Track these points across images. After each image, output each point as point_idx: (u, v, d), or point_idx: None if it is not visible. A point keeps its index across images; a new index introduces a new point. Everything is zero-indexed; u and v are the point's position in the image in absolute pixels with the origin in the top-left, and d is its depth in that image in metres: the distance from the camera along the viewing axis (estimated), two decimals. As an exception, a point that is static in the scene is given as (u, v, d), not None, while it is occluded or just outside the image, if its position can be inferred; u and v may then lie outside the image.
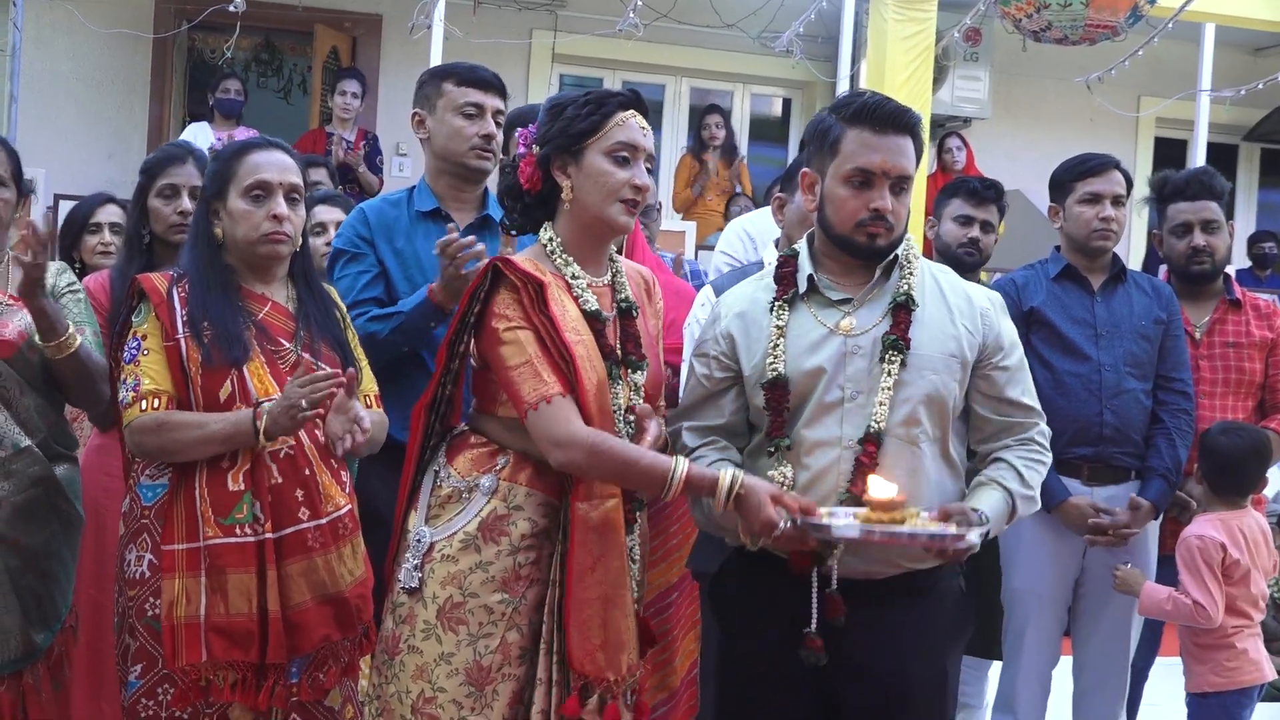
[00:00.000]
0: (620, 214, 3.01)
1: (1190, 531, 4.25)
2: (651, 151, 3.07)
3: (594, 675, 2.89)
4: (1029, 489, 3.05)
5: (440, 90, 3.94)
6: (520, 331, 2.94)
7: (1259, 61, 11.74)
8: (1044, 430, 3.14)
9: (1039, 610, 4.34)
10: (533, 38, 10.91)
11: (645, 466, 2.86)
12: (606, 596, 2.92)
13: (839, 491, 2.95)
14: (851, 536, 2.77)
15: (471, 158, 3.91)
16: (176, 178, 3.95)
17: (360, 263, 3.86)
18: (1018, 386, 3.10)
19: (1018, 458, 3.07)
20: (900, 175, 3.02)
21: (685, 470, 2.85)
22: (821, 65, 10.73)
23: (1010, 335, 3.13)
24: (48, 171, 8.83)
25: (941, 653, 3.10)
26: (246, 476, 3.16)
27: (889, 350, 2.98)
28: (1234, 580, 4.21)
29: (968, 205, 4.81)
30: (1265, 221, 12.76)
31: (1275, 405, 4.57)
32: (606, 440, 2.87)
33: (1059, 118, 11.65)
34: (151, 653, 3.16)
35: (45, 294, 3.29)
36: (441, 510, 3.02)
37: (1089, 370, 4.25)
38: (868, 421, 2.96)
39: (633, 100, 3.06)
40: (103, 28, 9.75)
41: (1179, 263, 4.62)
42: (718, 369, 3.14)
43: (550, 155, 3.04)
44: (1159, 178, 4.78)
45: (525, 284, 2.95)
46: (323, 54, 10.65)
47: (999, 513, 2.97)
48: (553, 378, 2.90)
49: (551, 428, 2.88)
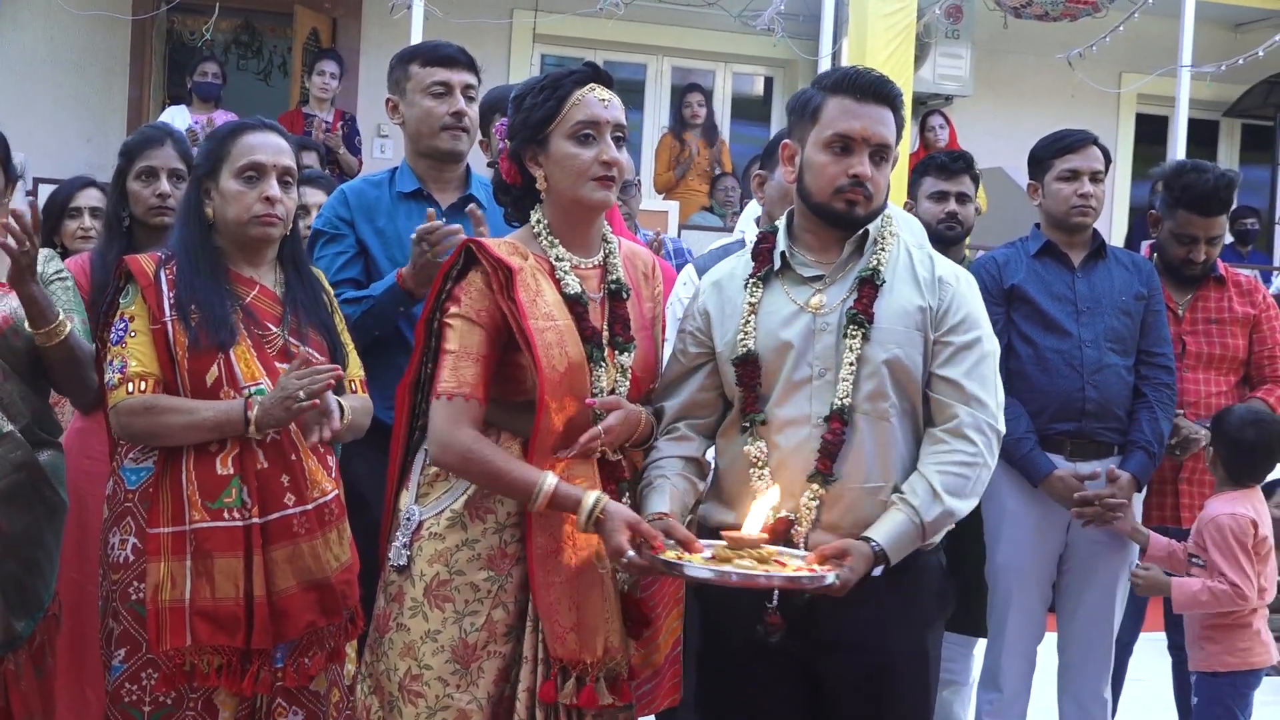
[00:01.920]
0: (595, 191, 3.00)
1: (1218, 510, 4.22)
2: (617, 120, 3.03)
3: (568, 658, 2.90)
4: (940, 504, 2.91)
5: (408, 73, 3.94)
6: (465, 322, 2.95)
7: (1239, 37, 11.76)
8: (980, 423, 2.96)
9: (1023, 586, 4.35)
10: (513, 17, 10.89)
11: (514, 478, 2.88)
12: (577, 579, 2.92)
13: (809, 470, 2.95)
14: (704, 578, 2.75)
15: (444, 139, 3.91)
16: (154, 160, 3.92)
17: (338, 244, 3.86)
18: (957, 366, 2.98)
19: (934, 466, 2.94)
20: (880, 143, 3.01)
21: (551, 487, 2.86)
22: (803, 44, 10.72)
23: (968, 312, 3.03)
24: (26, 155, 8.78)
25: (922, 629, 3.10)
26: (235, 461, 3.15)
27: (850, 324, 2.96)
28: (1261, 557, 4.21)
29: (940, 180, 4.83)
30: (1246, 197, 12.77)
31: (1262, 379, 4.59)
32: (482, 451, 2.89)
33: (1040, 94, 11.66)
34: (135, 637, 3.15)
35: (35, 281, 3.27)
36: (430, 489, 3.03)
37: (1070, 346, 4.26)
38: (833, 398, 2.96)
39: (589, 74, 3.04)
40: (80, 10, 9.70)
41: (1173, 261, 4.62)
42: (693, 344, 3.14)
43: (519, 148, 3.05)
44: (1175, 169, 4.67)
45: (495, 269, 2.95)
46: (302, 35, 10.61)
47: (899, 536, 2.87)
48: (472, 377, 2.92)
49: (439, 424, 2.92)
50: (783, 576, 2.74)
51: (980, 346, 3.02)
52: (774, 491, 2.90)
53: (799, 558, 2.84)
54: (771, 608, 2.92)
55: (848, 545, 2.83)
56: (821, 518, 2.94)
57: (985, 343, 3.03)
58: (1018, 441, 4.15)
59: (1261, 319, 4.61)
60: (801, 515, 2.93)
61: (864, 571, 2.82)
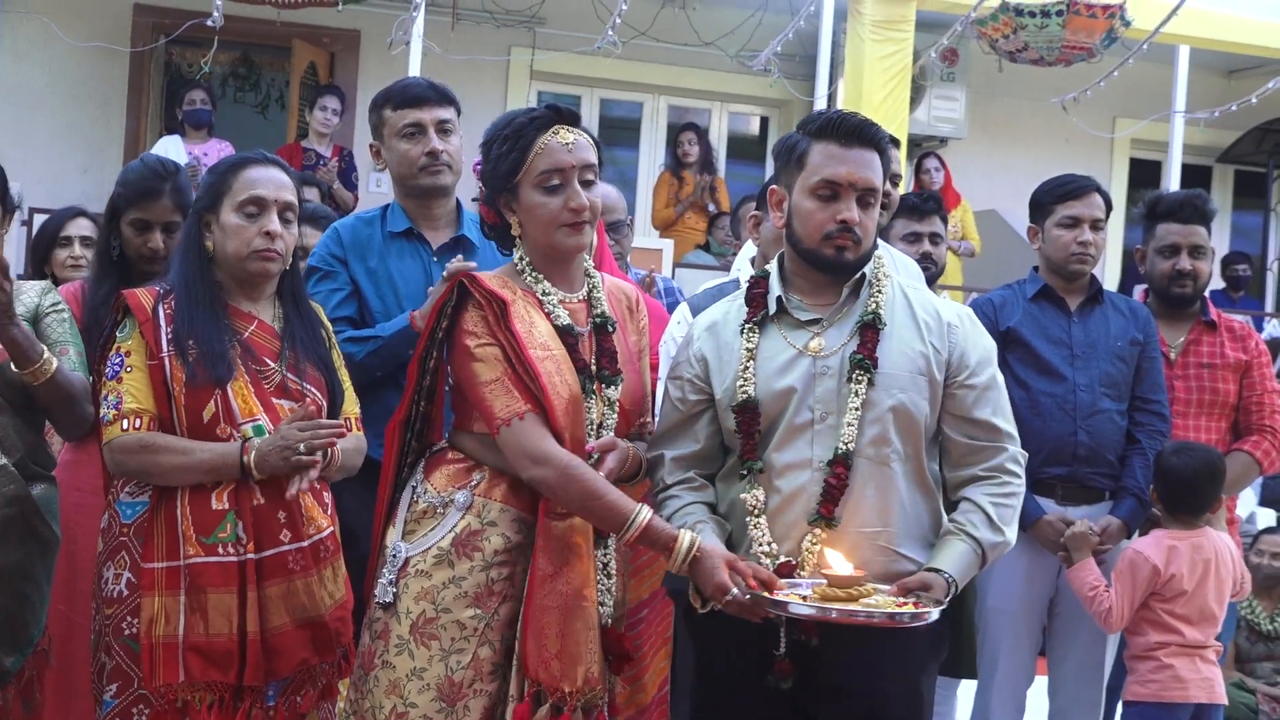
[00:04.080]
0: (566, 238, 3.02)
1: (1135, 544, 4.28)
2: (584, 161, 3.02)
3: (547, 683, 2.90)
4: (999, 534, 3.00)
5: (383, 118, 3.96)
6: (489, 349, 2.96)
7: (1233, 84, 11.82)
8: (1016, 456, 3.08)
9: (1013, 630, 4.34)
10: (511, 54, 10.93)
11: (609, 503, 2.88)
12: (566, 606, 2.92)
13: (809, 514, 2.95)
14: (807, 615, 2.78)
15: (423, 178, 3.91)
16: (149, 213, 3.75)
17: (333, 280, 3.87)
18: (986, 407, 3.05)
19: (987, 497, 3.02)
20: (867, 188, 3.02)
21: (646, 520, 2.87)
22: (799, 84, 10.76)
23: (981, 353, 3.09)
24: (22, 185, 8.79)
25: (917, 672, 3.11)
26: (231, 496, 3.14)
27: (856, 370, 2.97)
28: (1166, 599, 4.25)
29: (912, 222, 4.82)
30: (1239, 243, 12.82)
31: (1249, 426, 4.59)
32: (581, 466, 2.89)
33: (1035, 138, 11.70)
34: (127, 672, 3.14)
35: (13, 323, 3.24)
36: (417, 525, 3.04)
37: (1064, 390, 4.26)
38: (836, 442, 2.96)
39: (551, 117, 3.04)
40: (80, 41, 9.73)
41: (1161, 283, 4.63)
42: (691, 391, 3.14)
43: (492, 196, 3.07)
44: (1152, 196, 4.80)
45: (489, 302, 2.96)
46: (300, 69, 10.64)
47: (966, 567, 2.95)
48: (522, 395, 2.92)
49: (526, 443, 2.90)
50: (884, 613, 2.77)
51: (998, 382, 3.10)
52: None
53: (883, 592, 2.86)
54: (780, 655, 2.93)
55: (928, 579, 2.88)
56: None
57: (999, 376, 3.11)
58: (1008, 486, 4.15)
59: (1253, 365, 4.61)
60: (804, 559, 2.93)
61: (943, 601, 2.87)
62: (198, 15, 8.52)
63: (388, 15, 9.59)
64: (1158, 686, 4.26)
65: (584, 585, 2.95)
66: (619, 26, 9.16)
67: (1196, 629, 4.28)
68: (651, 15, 10.28)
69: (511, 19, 10.75)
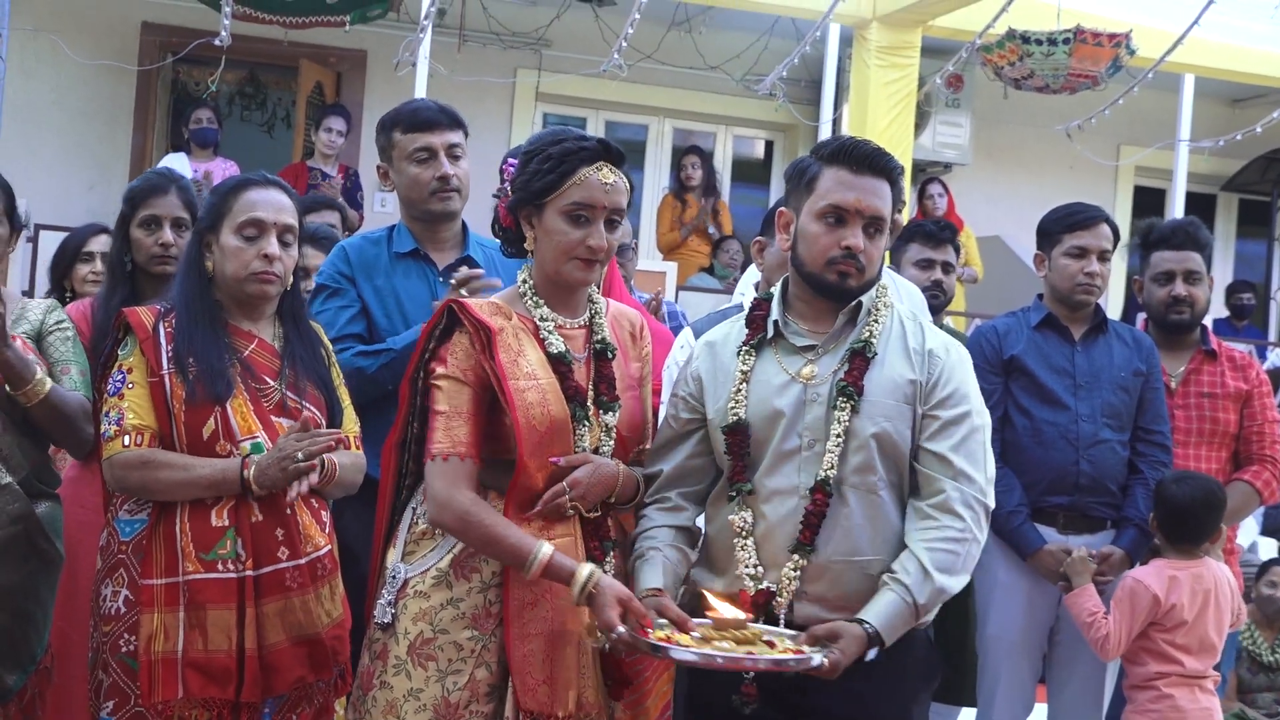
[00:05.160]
0: (575, 271, 3.02)
1: (1135, 573, 4.27)
2: (616, 205, 3.02)
3: (539, 711, 2.90)
4: (931, 581, 2.88)
5: (392, 140, 3.94)
6: (452, 383, 2.96)
7: (1237, 113, 11.85)
8: (969, 498, 2.94)
9: (1013, 658, 4.34)
10: (517, 76, 10.97)
11: (510, 545, 2.88)
12: (553, 633, 2.93)
13: (793, 540, 2.94)
14: (690, 660, 2.76)
15: (434, 203, 3.91)
16: (158, 208, 3.88)
17: (341, 298, 3.87)
18: (944, 440, 2.96)
19: (923, 544, 2.91)
20: (874, 215, 3.01)
21: (546, 557, 2.86)
22: (804, 108, 10.78)
23: (956, 387, 3.00)
24: (29, 202, 8.81)
25: (908, 701, 3.09)
26: (230, 513, 3.15)
27: (840, 396, 2.96)
28: (1166, 628, 4.23)
29: (926, 248, 4.84)
30: (1243, 272, 12.84)
31: (1249, 456, 4.58)
32: (480, 515, 2.90)
33: (1039, 165, 11.73)
34: (125, 689, 3.13)
35: (8, 345, 3.26)
36: (416, 546, 3.04)
37: (1066, 420, 4.26)
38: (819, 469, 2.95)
39: (599, 152, 3.02)
40: (87, 59, 9.77)
41: (1158, 310, 4.63)
42: (684, 410, 3.14)
43: (517, 205, 3.06)
44: (1146, 224, 4.80)
45: (477, 331, 2.97)
46: (307, 89, 10.67)
47: (892, 616, 2.86)
48: (465, 436, 2.94)
49: (436, 484, 2.93)
50: (769, 659, 2.73)
51: (969, 421, 3.00)
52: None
53: (788, 638, 2.82)
54: (749, 678, 2.92)
55: (838, 628, 2.82)
56: (806, 589, 2.93)
57: (975, 417, 3.01)
58: (1009, 514, 4.16)
59: (1254, 394, 4.60)
60: (783, 587, 2.93)
61: (856, 653, 2.81)
62: (205, 34, 8.54)
63: (394, 36, 9.63)
64: (1157, 716, 4.24)
65: (571, 612, 2.94)
66: (625, 49, 9.17)
67: (1196, 659, 4.27)
68: (657, 38, 10.31)
69: (518, 41, 10.79)
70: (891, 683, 2.99)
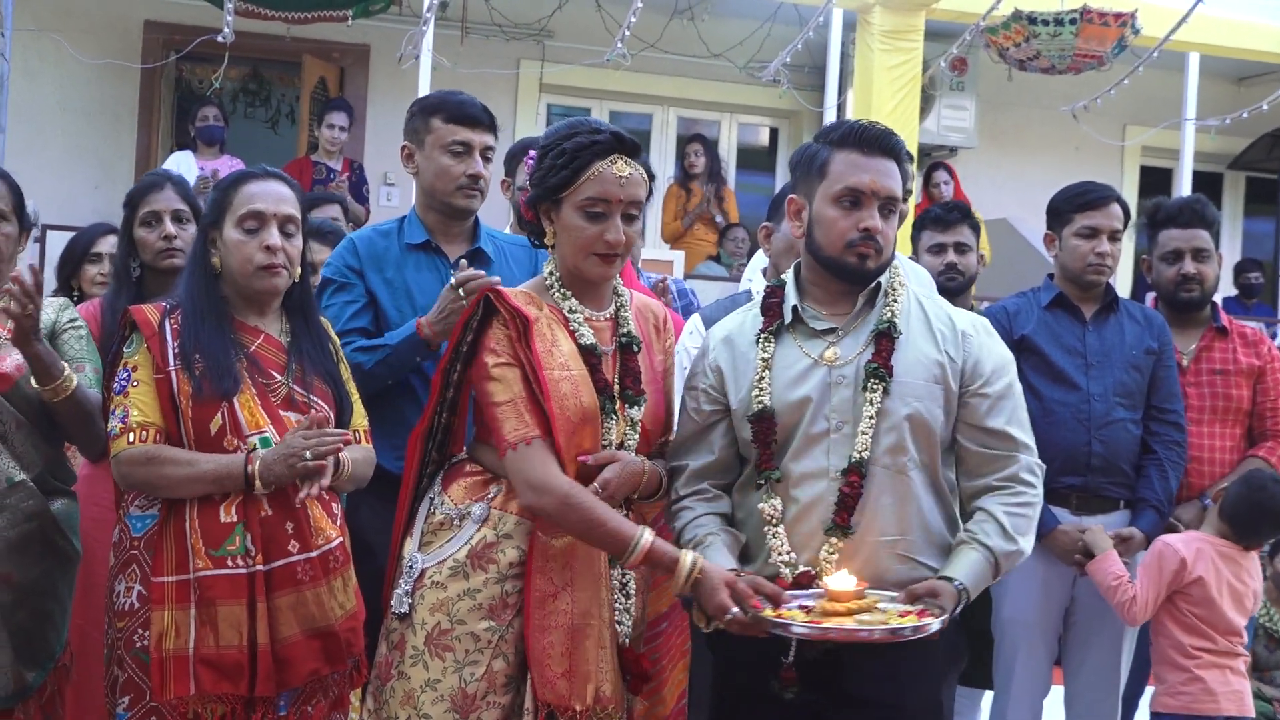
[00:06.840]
0: (594, 267, 3.02)
1: (1165, 538, 4.26)
2: (632, 198, 3.01)
3: (556, 703, 2.90)
4: (1013, 543, 2.98)
5: (429, 126, 3.88)
6: (508, 369, 2.96)
7: (1243, 91, 11.81)
8: (1031, 465, 3.07)
9: (1029, 640, 4.33)
10: (520, 68, 10.95)
11: (610, 530, 2.88)
12: (574, 626, 2.93)
13: (825, 523, 2.95)
14: (809, 634, 2.78)
15: (459, 198, 3.87)
16: (156, 204, 3.98)
17: (348, 292, 3.84)
18: (1000, 416, 3.04)
19: (1001, 507, 3.00)
20: (889, 196, 3.02)
21: (648, 544, 2.86)
22: (808, 95, 10.77)
23: (996, 361, 3.08)
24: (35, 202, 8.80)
25: (936, 682, 3.10)
26: (239, 508, 3.14)
27: (871, 378, 2.97)
28: (1194, 600, 4.23)
29: (937, 233, 4.85)
30: (1251, 250, 12.81)
31: (1264, 432, 4.56)
32: (581, 494, 2.89)
33: (1045, 147, 11.70)
34: (139, 685, 3.14)
35: (39, 340, 3.28)
36: (434, 537, 3.04)
37: (1078, 400, 4.25)
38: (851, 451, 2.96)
39: (613, 144, 3.02)
40: (91, 58, 9.75)
41: (1167, 289, 4.62)
42: (706, 402, 3.14)
43: (536, 200, 3.06)
44: (1152, 204, 4.79)
45: (513, 318, 2.96)
46: (310, 84, 10.66)
47: (978, 575, 2.94)
48: (535, 419, 2.93)
49: (528, 470, 2.91)
50: (885, 630, 2.76)
51: (1014, 391, 3.08)
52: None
53: (890, 599, 2.86)
54: (787, 663, 2.92)
55: (936, 586, 2.88)
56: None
57: (1016, 384, 3.10)
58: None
59: (1266, 371, 4.59)
60: (822, 568, 2.93)
61: (952, 610, 2.85)
62: (208, 31, 8.53)
63: (397, 30, 9.63)
64: (1189, 699, 4.23)
65: (592, 605, 2.95)
66: (628, 39, 9.16)
67: (1223, 637, 4.26)
68: (660, 27, 10.29)
69: (520, 32, 10.77)
70: (921, 664, 3.02)
